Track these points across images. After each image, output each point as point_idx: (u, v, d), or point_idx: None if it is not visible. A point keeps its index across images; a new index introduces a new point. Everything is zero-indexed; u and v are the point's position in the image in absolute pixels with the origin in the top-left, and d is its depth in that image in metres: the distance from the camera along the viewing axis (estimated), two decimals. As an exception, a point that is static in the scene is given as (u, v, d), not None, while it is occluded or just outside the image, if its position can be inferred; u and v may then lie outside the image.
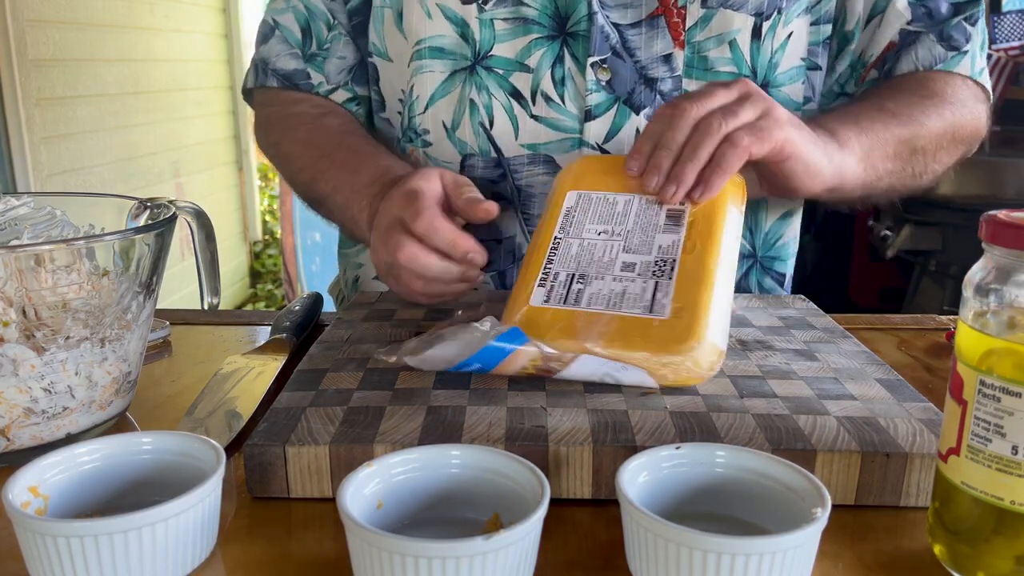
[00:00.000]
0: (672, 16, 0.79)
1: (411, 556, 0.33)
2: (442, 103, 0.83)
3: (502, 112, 0.81)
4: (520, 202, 0.83)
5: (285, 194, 3.60)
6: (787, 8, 0.81)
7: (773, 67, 0.82)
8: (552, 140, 0.81)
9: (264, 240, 4.30)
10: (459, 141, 0.83)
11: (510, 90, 0.81)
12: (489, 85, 0.81)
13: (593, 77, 0.79)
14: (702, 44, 0.80)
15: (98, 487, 0.42)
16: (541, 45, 0.80)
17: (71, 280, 0.49)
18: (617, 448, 0.45)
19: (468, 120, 0.82)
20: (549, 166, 0.82)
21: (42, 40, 2.52)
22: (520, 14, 0.80)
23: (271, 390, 0.58)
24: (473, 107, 0.81)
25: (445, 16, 0.81)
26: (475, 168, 0.83)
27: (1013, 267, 0.36)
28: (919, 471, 0.44)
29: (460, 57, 0.81)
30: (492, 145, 0.82)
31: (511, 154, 0.82)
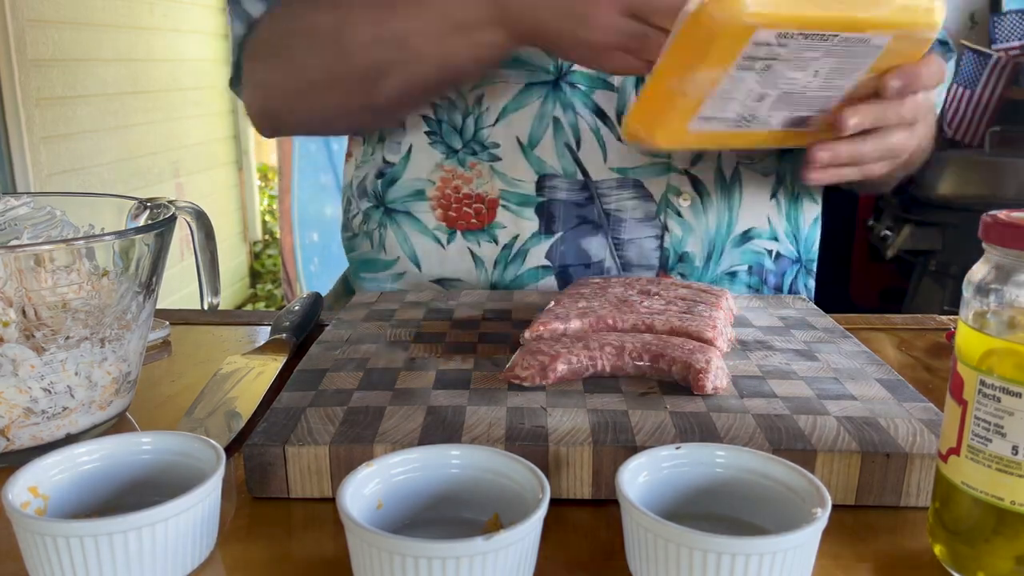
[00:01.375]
0: None
1: (411, 556, 0.33)
2: (516, 117, 0.79)
3: (588, 132, 0.78)
4: (610, 226, 0.81)
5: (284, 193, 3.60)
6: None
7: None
8: (641, 164, 0.79)
9: (264, 240, 4.30)
10: (537, 159, 0.79)
11: (594, 109, 0.78)
12: (574, 103, 0.78)
13: None
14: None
15: (98, 487, 0.42)
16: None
17: (71, 280, 0.49)
18: (617, 448, 0.45)
19: (551, 138, 0.79)
20: (639, 190, 0.80)
21: (42, 40, 2.52)
22: None
23: (271, 390, 0.58)
24: (557, 125, 0.78)
25: None
26: (557, 190, 0.80)
27: (1013, 267, 0.36)
28: (919, 471, 0.44)
29: (540, 70, 0.78)
30: (579, 167, 0.79)
31: (599, 177, 0.79)
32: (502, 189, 0.81)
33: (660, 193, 0.81)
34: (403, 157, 0.84)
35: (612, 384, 0.53)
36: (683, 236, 0.82)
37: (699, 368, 0.51)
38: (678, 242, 0.82)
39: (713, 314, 0.61)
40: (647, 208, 0.81)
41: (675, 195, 0.81)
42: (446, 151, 0.82)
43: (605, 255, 0.82)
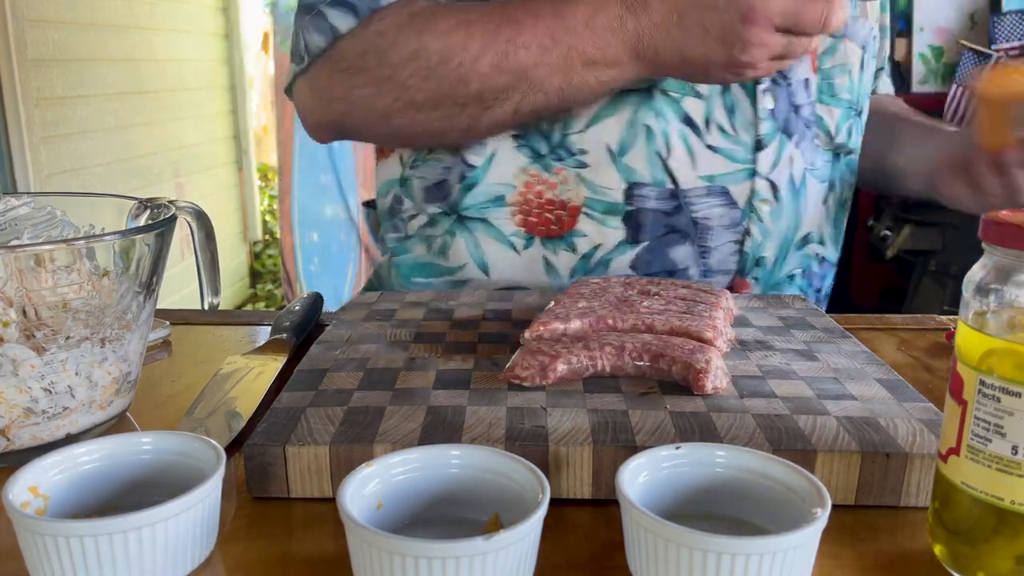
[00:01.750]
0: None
1: (411, 556, 0.33)
2: (607, 124, 0.78)
3: (679, 140, 0.78)
4: (697, 235, 0.81)
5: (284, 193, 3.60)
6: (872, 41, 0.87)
7: (865, 96, 0.88)
8: (728, 171, 0.80)
9: (264, 240, 4.30)
10: (627, 168, 0.79)
11: (683, 117, 0.78)
12: (666, 111, 0.78)
13: (763, 105, 0.79)
14: (830, 71, 0.83)
15: (98, 487, 0.42)
16: None
17: (71, 280, 0.49)
18: (617, 448, 0.45)
19: (643, 147, 0.78)
20: (725, 198, 0.80)
21: (42, 40, 2.52)
22: None
23: (271, 390, 0.58)
24: (650, 133, 0.78)
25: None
26: (646, 199, 0.79)
27: (1013, 267, 0.36)
28: (919, 471, 0.44)
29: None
30: (668, 175, 0.79)
31: (688, 185, 0.79)
32: (587, 196, 0.80)
33: (744, 199, 0.81)
34: (486, 160, 0.81)
35: (612, 384, 0.53)
36: (762, 241, 0.83)
37: (699, 368, 0.51)
38: (757, 247, 0.83)
39: (713, 314, 0.61)
40: (732, 215, 0.81)
41: (758, 200, 0.81)
42: (531, 155, 0.80)
43: (690, 263, 0.82)
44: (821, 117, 0.83)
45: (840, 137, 0.86)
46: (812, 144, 0.84)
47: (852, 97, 0.85)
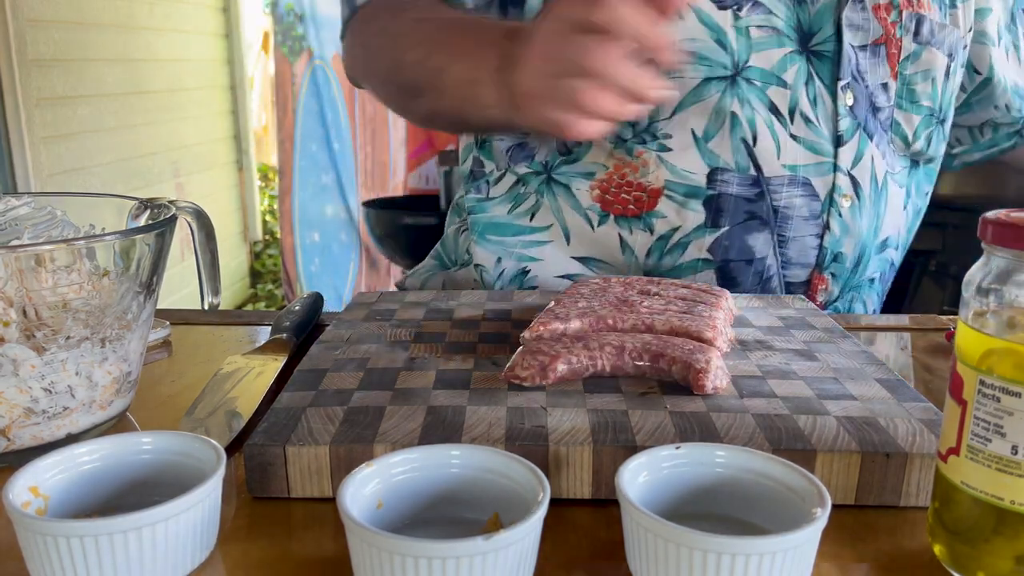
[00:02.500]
0: (891, 46, 0.80)
1: (411, 556, 0.33)
2: (693, 110, 0.79)
3: (764, 128, 0.79)
4: (776, 224, 0.81)
5: (284, 193, 3.60)
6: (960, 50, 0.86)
7: (950, 104, 0.87)
8: (811, 163, 0.80)
9: (264, 240, 4.30)
10: (711, 153, 0.79)
11: (769, 105, 0.78)
12: (751, 98, 0.78)
13: (843, 101, 0.79)
14: (912, 77, 0.82)
15: (98, 487, 0.42)
16: (794, 60, 0.78)
17: (71, 280, 0.49)
18: (617, 448, 0.45)
19: (728, 133, 0.79)
20: (807, 189, 0.80)
21: (42, 40, 2.52)
22: (771, 23, 0.78)
23: (271, 390, 0.58)
24: (735, 120, 0.78)
25: (700, 20, 0.77)
26: (729, 184, 0.80)
27: (1013, 267, 0.36)
28: (919, 471, 0.44)
29: (717, 65, 0.78)
30: (752, 162, 0.79)
31: (771, 173, 0.79)
32: (668, 180, 0.81)
33: (826, 192, 0.81)
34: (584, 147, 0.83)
35: (612, 384, 0.53)
36: (840, 236, 0.83)
37: (699, 368, 0.51)
38: (835, 242, 0.83)
39: (713, 314, 0.61)
40: (812, 206, 0.81)
41: (839, 195, 0.81)
42: (615, 140, 0.82)
43: (768, 252, 0.82)
44: (899, 123, 0.83)
45: (918, 144, 0.85)
46: (891, 148, 0.84)
47: (934, 105, 0.85)
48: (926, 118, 0.85)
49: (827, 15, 0.78)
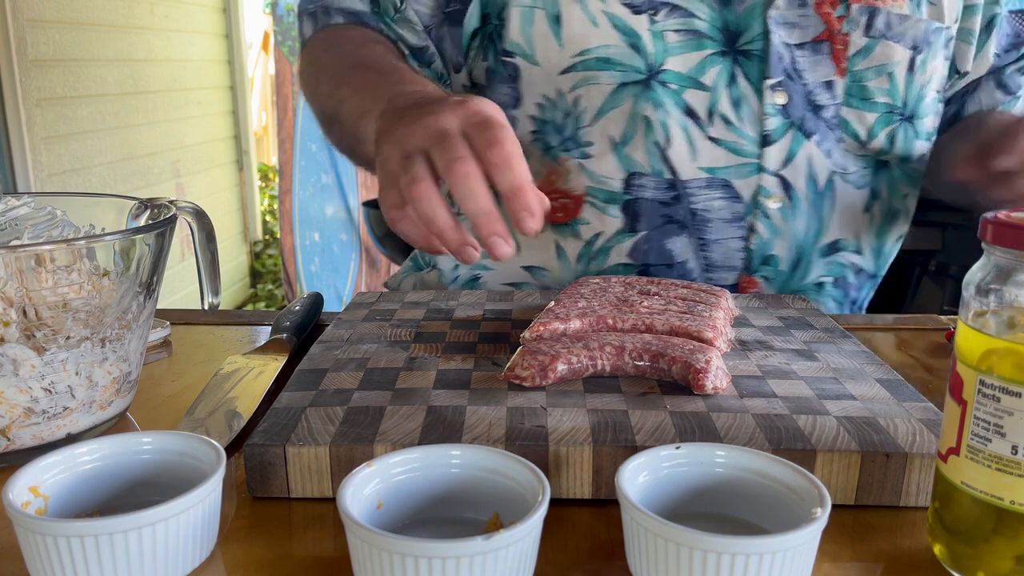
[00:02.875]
0: (836, 42, 0.79)
1: (411, 556, 0.33)
2: (611, 116, 0.79)
3: (679, 131, 0.78)
4: (695, 227, 0.80)
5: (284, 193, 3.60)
6: (934, 44, 0.82)
7: (920, 100, 0.83)
8: (731, 164, 0.79)
9: (264, 240, 4.30)
10: (627, 158, 0.79)
11: (685, 108, 0.78)
12: (665, 102, 0.78)
13: (771, 100, 0.78)
14: (862, 73, 0.80)
15: (98, 487, 0.42)
16: (715, 62, 0.78)
17: (71, 280, 0.49)
18: (617, 448, 0.45)
19: (641, 138, 0.79)
20: (727, 191, 0.80)
21: (42, 40, 2.52)
22: (691, 26, 0.77)
23: (271, 390, 0.58)
24: (648, 124, 0.78)
25: (613, 25, 0.77)
26: (645, 188, 0.80)
27: (1013, 267, 0.36)
28: (919, 471, 0.44)
29: (631, 69, 0.78)
30: (667, 166, 0.79)
31: (687, 176, 0.79)
32: (588, 186, 0.81)
33: (749, 194, 0.80)
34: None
35: (612, 384, 0.53)
36: (769, 238, 0.82)
37: (699, 368, 0.51)
38: (764, 244, 0.82)
39: (713, 314, 0.61)
40: (735, 209, 0.81)
41: (765, 197, 0.81)
42: (544, 148, 0.82)
43: (689, 255, 0.81)
44: (848, 121, 0.81)
45: (877, 143, 0.82)
46: (840, 147, 0.82)
47: (894, 101, 0.81)
48: (884, 115, 0.82)
49: (755, 14, 0.77)
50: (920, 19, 0.81)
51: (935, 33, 0.82)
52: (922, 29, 0.81)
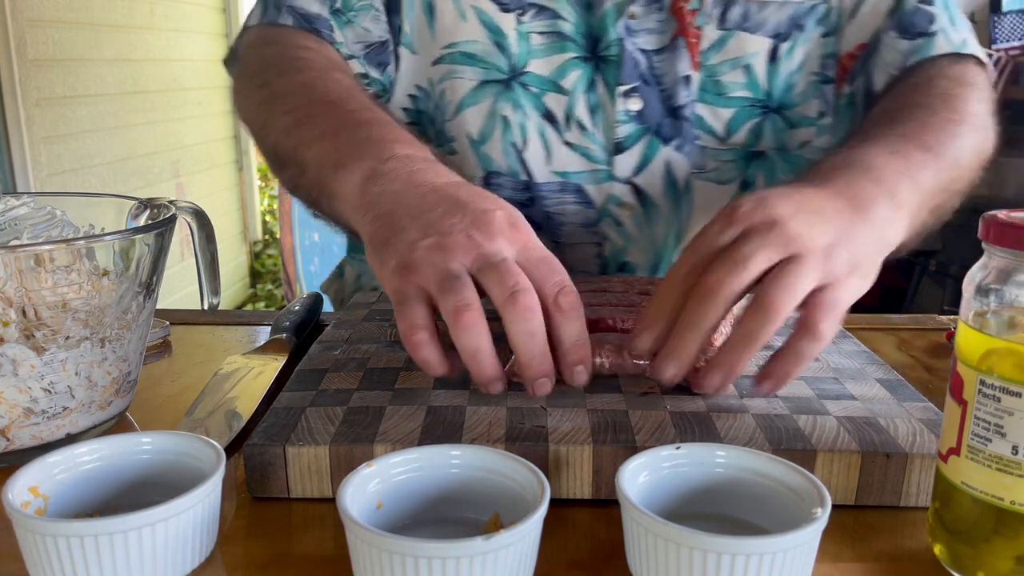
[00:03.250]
0: (690, 36, 0.77)
1: (411, 556, 0.33)
2: (470, 113, 0.78)
3: (535, 134, 0.78)
4: (550, 230, 0.80)
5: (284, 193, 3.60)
6: (806, 26, 0.78)
7: (789, 89, 0.79)
8: (583, 170, 0.78)
9: (264, 240, 4.30)
10: (486, 156, 0.79)
11: (543, 111, 0.77)
12: (524, 103, 0.77)
13: (623, 107, 0.77)
14: (716, 67, 0.77)
15: (98, 487, 0.42)
16: (576, 66, 0.77)
17: (71, 280, 0.49)
18: (617, 448, 0.45)
19: (499, 137, 0.78)
20: (580, 196, 0.79)
21: (42, 40, 2.52)
22: (556, 28, 0.76)
23: (271, 390, 0.58)
24: (506, 124, 0.77)
25: (481, 21, 0.76)
26: (501, 188, 0.79)
27: (1013, 267, 0.36)
28: (919, 471, 0.44)
29: (493, 68, 0.77)
30: (523, 167, 0.79)
31: (542, 179, 0.79)
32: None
33: (601, 201, 0.80)
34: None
35: (612, 384, 0.53)
36: (624, 246, 0.81)
37: (698, 367, 0.51)
38: (618, 251, 0.81)
39: None
40: (587, 214, 0.80)
41: (616, 205, 0.80)
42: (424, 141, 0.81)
43: None
44: (702, 117, 0.78)
45: (737, 138, 0.79)
46: (697, 146, 0.79)
47: (755, 95, 0.78)
48: (744, 109, 0.78)
49: (610, 20, 0.76)
50: (786, 4, 0.76)
51: (807, 14, 0.77)
52: (787, 14, 0.77)
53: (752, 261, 0.46)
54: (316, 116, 0.63)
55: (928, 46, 0.75)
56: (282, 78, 0.70)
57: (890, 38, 0.76)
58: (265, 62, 0.74)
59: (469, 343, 0.46)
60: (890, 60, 0.76)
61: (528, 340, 0.46)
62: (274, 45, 0.75)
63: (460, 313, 0.45)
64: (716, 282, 0.46)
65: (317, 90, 0.67)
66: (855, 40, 0.78)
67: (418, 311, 0.47)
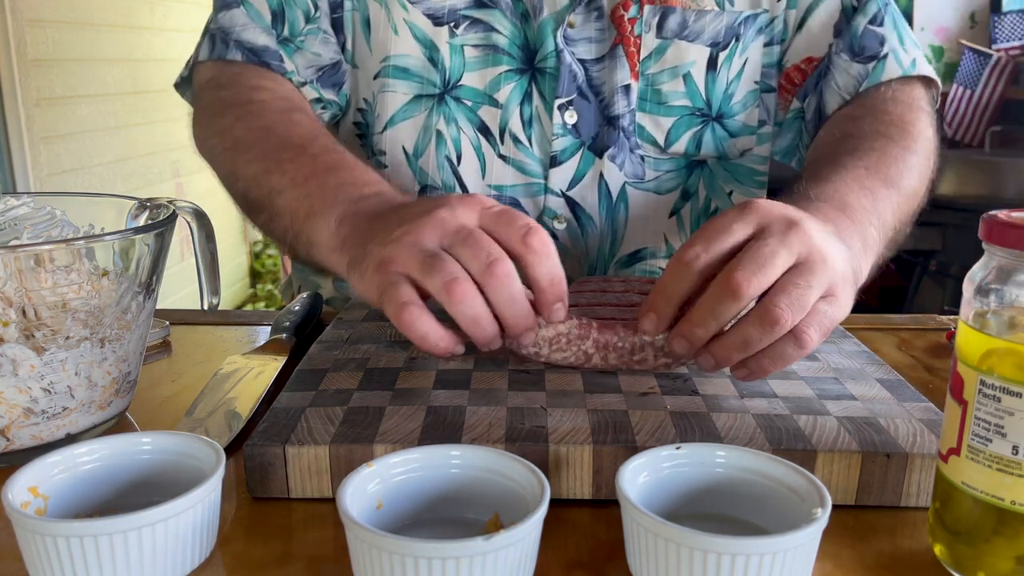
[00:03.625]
0: (629, 45, 0.76)
1: (411, 556, 0.33)
2: (403, 127, 0.78)
3: (470, 148, 0.78)
4: None
5: (285, 194, 3.59)
6: (744, 34, 0.78)
7: (728, 98, 0.79)
8: (518, 183, 0.79)
9: (264, 240, 4.30)
10: (420, 170, 0.79)
11: (478, 125, 0.78)
12: (458, 117, 0.77)
13: (560, 120, 0.77)
14: (656, 77, 0.77)
15: (98, 487, 0.42)
16: (511, 79, 0.77)
17: (71, 280, 0.49)
18: (617, 448, 0.45)
19: (433, 151, 0.78)
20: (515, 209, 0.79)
21: (42, 40, 2.52)
22: (491, 41, 0.76)
23: (271, 390, 0.58)
24: (440, 138, 0.78)
25: (413, 35, 0.76)
26: None
27: (1013, 267, 0.36)
28: (919, 471, 0.44)
29: (427, 82, 0.77)
30: (457, 181, 0.79)
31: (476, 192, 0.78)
32: None
33: (536, 214, 0.80)
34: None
35: (612, 384, 0.53)
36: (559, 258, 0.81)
37: None
38: None
39: None
40: None
41: (551, 217, 0.80)
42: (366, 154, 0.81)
43: None
44: (643, 126, 0.78)
45: (678, 147, 0.79)
46: (635, 156, 0.79)
47: (694, 104, 0.78)
48: (685, 118, 0.78)
49: (548, 30, 0.75)
50: (723, 13, 0.77)
51: (747, 23, 0.77)
52: (725, 23, 0.77)
53: (775, 263, 0.46)
54: (283, 163, 0.63)
55: (879, 70, 0.76)
56: (241, 123, 0.70)
57: (843, 60, 0.77)
58: (222, 105, 0.74)
59: (468, 312, 0.47)
60: (843, 84, 0.77)
61: (511, 305, 0.47)
62: (229, 88, 0.75)
63: (451, 287, 0.46)
64: (744, 281, 0.46)
65: (279, 135, 0.67)
66: (803, 53, 0.79)
67: (404, 290, 0.47)
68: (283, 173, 0.62)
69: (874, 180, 0.62)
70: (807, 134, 0.81)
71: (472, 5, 0.76)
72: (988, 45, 2.99)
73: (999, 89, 2.86)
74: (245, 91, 0.73)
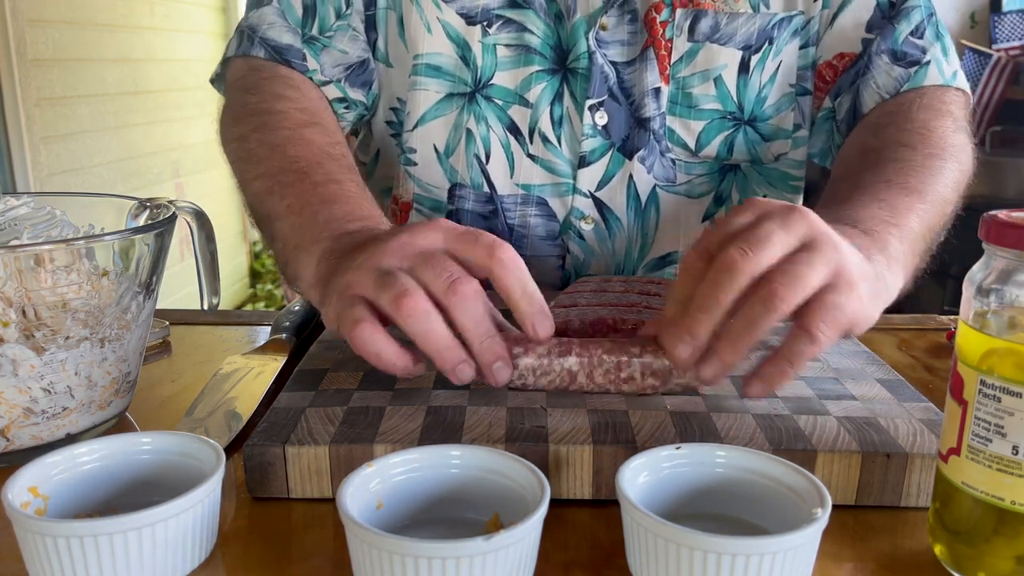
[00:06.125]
0: (660, 48, 0.76)
1: (411, 556, 0.33)
2: (434, 125, 0.79)
3: (499, 147, 0.78)
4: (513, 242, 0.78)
5: (285, 194, 3.59)
6: (778, 37, 0.77)
7: (761, 101, 0.79)
8: (547, 183, 0.79)
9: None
10: (451, 168, 0.80)
11: (508, 124, 0.78)
12: (488, 116, 0.78)
13: (591, 121, 0.77)
14: (686, 80, 0.77)
15: (98, 487, 0.42)
16: (542, 79, 0.77)
17: (71, 280, 0.49)
18: (617, 448, 0.45)
19: (463, 149, 0.79)
20: (542, 208, 0.79)
21: (42, 40, 2.51)
22: (523, 41, 0.77)
23: (271, 390, 0.58)
24: (470, 137, 0.78)
25: (446, 33, 0.77)
26: (465, 200, 0.80)
27: (1014, 267, 0.36)
28: (919, 471, 0.44)
29: (459, 80, 0.78)
30: (486, 180, 0.79)
31: (504, 192, 0.79)
32: (416, 193, 0.82)
33: (563, 214, 0.80)
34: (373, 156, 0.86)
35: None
36: (585, 259, 0.81)
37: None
38: (580, 264, 0.81)
39: None
40: (550, 227, 0.80)
41: (578, 218, 0.80)
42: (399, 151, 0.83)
43: None
44: (673, 129, 0.78)
45: (709, 151, 0.79)
46: (665, 159, 0.79)
47: (725, 107, 0.77)
48: (716, 122, 0.78)
49: (580, 32, 0.76)
50: (756, 15, 0.76)
51: (781, 25, 0.77)
52: (758, 26, 0.76)
53: (768, 242, 0.44)
54: (285, 187, 0.63)
55: (921, 75, 0.74)
56: (257, 135, 0.71)
57: (883, 62, 0.76)
58: (245, 111, 0.75)
59: (418, 327, 0.45)
60: (883, 84, 0.75)
61: (476, 326, 0.46)
62: (255, 93, 0.75)
63: (400, 301, 0.45)
64: (730, 261, 0.43)
65: (288, 155, 0.67)
66: (834, 49, 0.78)
67: (357, 310, 0.46)
68: (283, 197, 0.62)
69: (895, 191, 0.60)
70: (839, 134, 0.79)
71: (506, 5, 0.76)
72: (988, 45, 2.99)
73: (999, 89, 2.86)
74: (268, 99, 0.74)
